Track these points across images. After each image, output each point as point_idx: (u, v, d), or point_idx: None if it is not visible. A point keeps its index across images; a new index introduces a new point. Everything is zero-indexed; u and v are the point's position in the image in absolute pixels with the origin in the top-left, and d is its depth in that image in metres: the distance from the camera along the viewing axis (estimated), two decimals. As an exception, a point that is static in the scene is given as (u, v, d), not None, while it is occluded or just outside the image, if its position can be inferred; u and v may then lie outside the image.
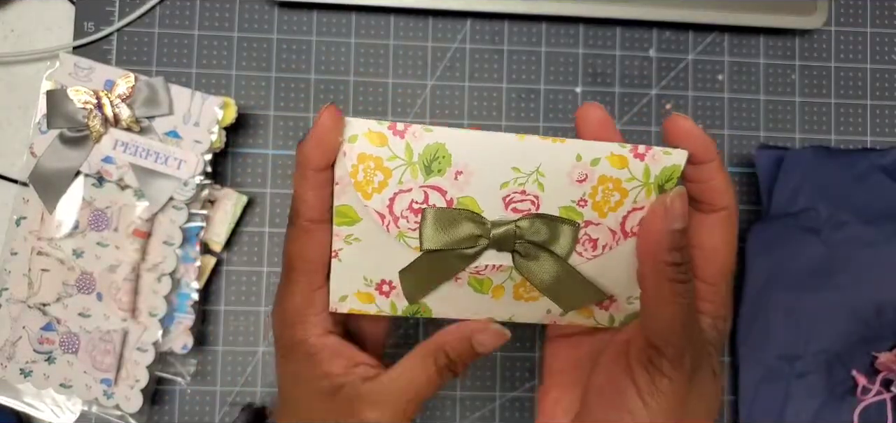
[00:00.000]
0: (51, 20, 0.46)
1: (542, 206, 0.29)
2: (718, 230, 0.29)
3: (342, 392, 0.29)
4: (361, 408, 0.29)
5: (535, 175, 0.28)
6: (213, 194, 0.44)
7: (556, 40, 0.48)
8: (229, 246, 0.46)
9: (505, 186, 0.28)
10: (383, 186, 0.28)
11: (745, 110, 0.48)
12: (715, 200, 0.29)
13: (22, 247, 0.42)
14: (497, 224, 0.28)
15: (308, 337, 0.30)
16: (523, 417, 0.47)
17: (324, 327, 0.30)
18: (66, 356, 0.42)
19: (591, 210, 0.29)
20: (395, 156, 0.27)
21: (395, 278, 0.30)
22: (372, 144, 0.27)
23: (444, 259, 0.29)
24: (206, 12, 0.46)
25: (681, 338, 0.28)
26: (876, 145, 0.48)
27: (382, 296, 0.30)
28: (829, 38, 0.49)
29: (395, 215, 0.28)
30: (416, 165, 0.27)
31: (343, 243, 0.29)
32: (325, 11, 0.47)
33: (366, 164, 0.27)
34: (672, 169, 0.29)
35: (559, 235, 0.29)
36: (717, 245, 0.29)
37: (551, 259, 0.29)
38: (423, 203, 0.28)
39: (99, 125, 0.40)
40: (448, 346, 0.30)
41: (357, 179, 0.28)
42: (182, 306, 0.43)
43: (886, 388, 0.46)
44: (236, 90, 0.46)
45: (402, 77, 0.47)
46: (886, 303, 0.46)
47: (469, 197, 0.28)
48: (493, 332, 0.30)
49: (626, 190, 0.29)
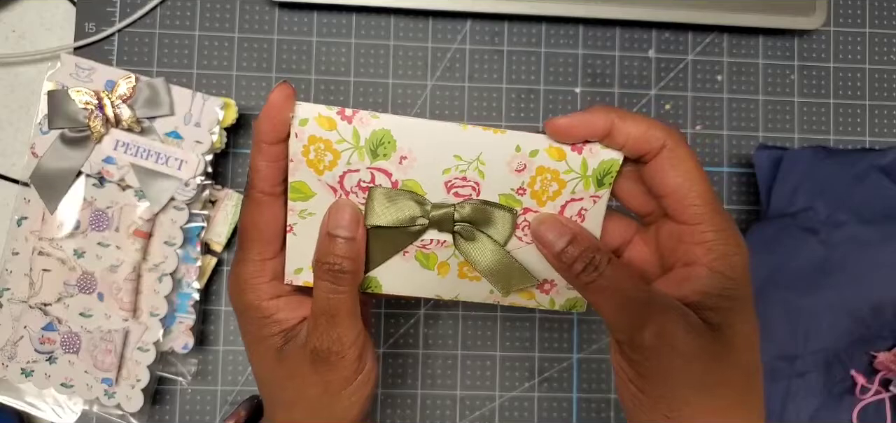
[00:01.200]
0: (52, 21, 0.46)
1: (483, 192, 0.30)
2: (669, 170, 0.29)
3: (293, 344, 0.31)
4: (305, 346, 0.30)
5: (476, 163, 0.30)
6: (214, 195, 0.44)
7: (555, 41, 0.48)
8: (230, 246, 0.46)
9: (447, 171, 0.30)
10: (333, 166, 0.29)
11: (744, 111, 0.48)
12: (642, 148, 0.29)
13: (23, 247, 0.42)
14: (438, 206, 0.30)
15: (260, 301, 0.31)
16: (523, 417, 0.47)
17: (274, 292, 0.31)
18: (68, 356, 0.42)
19: (529, 198, 0.30)
20: (343, 139, 0.29)
21: None
22: (321, 128, 0.29)
23: (390, 235, 0.31)
24: (206, 13, 0.46)
25: (622, 319, 0.28)
26: (874, 146, 0.49)
27: None
28: (827, 39, 0.49)
29: (346, 189, 0.30)
30: (363, 149, 0.29)
31: (297, 218, 0.30)
32: (325, 12, 0.47)
33: (316, 145, 0.29)
34: (610, 163, 0.30)
35: (497, 220, 0.31)
36: (677, 183, 0.29)
37: (490, 243, 0.31)
38: (370, 183, 0.30)
39: (100, 126, 0.40)
40: (317, 253, 0.30)
41: (309, 158, 0.29)
42: (183, 306, 0.43)
43: (885, 387, 0.46)
44: (237, 91, 0.46)
45: (402, 78, 0.47)
46: (885, 303, 0.46)
47: (413, 180, 0.30)
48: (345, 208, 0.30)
49: (564, 181, 0.30)
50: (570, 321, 0.47)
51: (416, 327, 0.47)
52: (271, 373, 0.32)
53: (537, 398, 0.47)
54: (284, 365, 0.31)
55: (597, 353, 0.47)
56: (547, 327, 0.47)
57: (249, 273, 0.31)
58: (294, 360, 0.31)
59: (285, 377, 0.31)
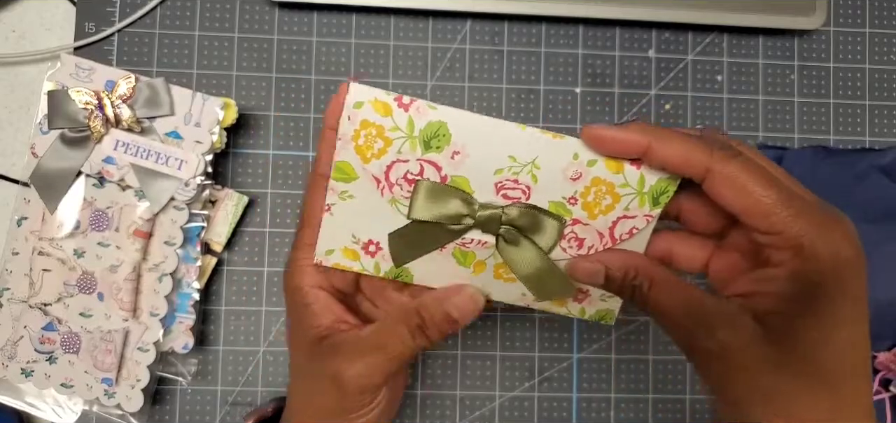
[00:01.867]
0: (52, 21, 0.46)
1: (533, 197, 0.29)
2: (725, 193, 0.26)
3: (323, 344, 0.31)
4: (336, 358, 0.30)
5: (530, 167, 0.29)
6: (214, 195, 0.44)
7: (555, 41, 0.48)
8: (230, 246, 0.46)
9: (499, 172, 0.29)
10: (382, 154, 0.28)
11: (744, 111, 0.48)
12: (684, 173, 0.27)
13: (23, 247, 0.42)
14: (485, 207, 0.29)
15: (302, 285, 0.31)
16: (523, 417, 0.47)
17: (317, 281, 0.32)
18: (68, 356, 0.42)
19: (580, 209, 0.30)
20: (396, 127, 0.28)
21: (382, 239, 0.31)
22: (376, 113, 0.28)
23: (431, 230, 0.30)
24: (206, 13, 0.46)
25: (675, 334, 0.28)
26: (874, 145, 0.49)
27: (368, 255, 0.31)
28: (827, 39, 0.49)
29: (390, 182, 0.29)
30: (416, 139, 0.28)
31: (337, 199, 0.30)
32: (325, 12, 0.47)
33: (368, 130, 0.28)
34: (668, 183, 0.29)
35: (545, 227, 0.30)
36: (738, 206, 0.26)
37: (533, 250, 0.30)
38: (418, 175, 0.29)
39: (100, 126, 0.40)
40: (423, 308, 0.30)
41: (357, 143, 0.28)
42: (183, 306, 0.43)
43: (885, 387, 0.46)
44: (237, 91, 0.46)
45: (402, 78, 0.47)
46: (885, 303, 0.46)
47: (462, 177, 0.29)
48: (467, 295, 0.31)
49: (618, 195, 0.29)
50: (570, 321, 0.47)
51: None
52: (298, 364, 0.33)
53: (537, 398, 0.47)
54: (310, 360, 0.31)
55: (597, 353, 0.47)
56: (547, 327, 0.47)
57: (299, 256, 0.31)
58: (324, 362, 0.31)
59: (306, 371, 0.32)
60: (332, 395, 0.31)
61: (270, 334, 0.46)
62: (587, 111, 0.47)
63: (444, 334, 0.31)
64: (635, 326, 0.47)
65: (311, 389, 0.32)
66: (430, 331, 0.30)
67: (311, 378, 0.32)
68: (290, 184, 0.46)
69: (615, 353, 0.47)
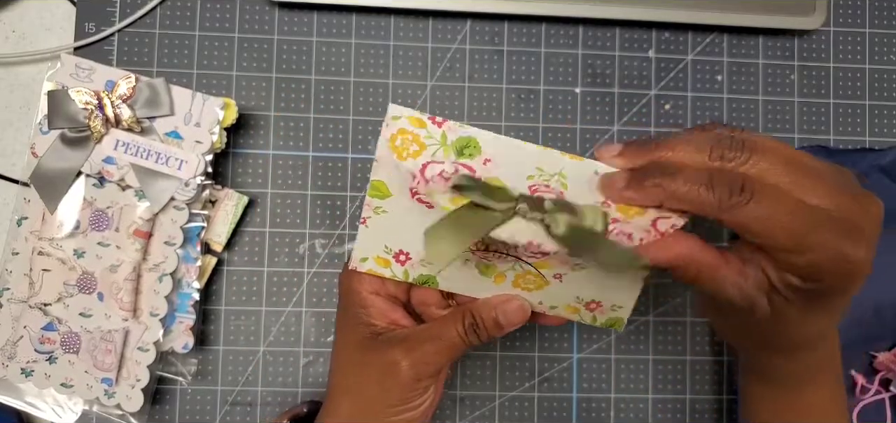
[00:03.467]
0: (52, 21, 0.46)
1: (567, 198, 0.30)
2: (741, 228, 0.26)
3: (379, 339, 0.34)
4: (393, 349, 0.33)
5: (558, 176, 0.29)
6: (214, 195, 0.44)
7: (555, 41, 0.48)
8: (230, 246, 0.46)
9: (530, 178, 0.30)
10: (418, 155, 0.30)
11: (744, 111, 0.48)
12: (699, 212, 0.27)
13: (23, 247, 0.42)
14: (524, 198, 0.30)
15: (362, 290, 0.34)
16: (523, 417, 0.47)
17: (375, 289, 0.35)
18: (68, 356, 0.42)
19: (616, 211, 0.29)
20: (431, 136, 0.29)
21: (411, 249, 0.33)
22: (411, 125, 0.29)
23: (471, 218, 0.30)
24: (206, 13, 0.46)
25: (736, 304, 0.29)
26: (874, 146, 0.49)
27: (398, 264, 0.34)
28: (827, 39, 0.49)
29: (425, 178, 0.30)
30: (449, 147, 0.29)
31: (372, 213, 0.32)
32: (325, 12, 0.47)
33: (404, 136, 0.29)
34: None
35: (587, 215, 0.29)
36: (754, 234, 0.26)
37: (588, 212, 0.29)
38: (453, 174, 0.30)
39: (100, 126, 0.40)
40: (476, 310, 0.33)
41: (394, 145, 0.29)
42: (183, 306, 0.43)
43: (885, 387, 0.46)
44: (237, 91, 0.46)
45: (402, 78, 0.47)
46: (885, 303, 0.46)
47: (496, 178, 0.30)
48: (516, 305, 0.33)
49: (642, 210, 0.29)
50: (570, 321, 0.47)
51: (416, 327, 0.47)
52: (348, 357, 0.35)
53: (537, 398, 0.47)
54: (363, 353, 0.34)
55: (597, 353, 0.47)
56: (547, 327, 0.47)
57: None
58: (380, 353, 0.33)
59: (358, 363, 0.34)
60: (384, 385, 0.33)
61: (270, 335, 0.46)
62: (587, 111, 0.47)
63: (492, 337, 0.33)
64: (635, 326, 0.47)
65: (362, 381, 0.34)
66: (481, 332, 0.33)
67: (363, 369, 0.34)
68: (289, 184, 0.46)
69: (615, 353, 0.47)
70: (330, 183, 0.46)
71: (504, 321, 0.33)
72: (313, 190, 0.46)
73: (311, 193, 0.46)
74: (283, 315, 0.46)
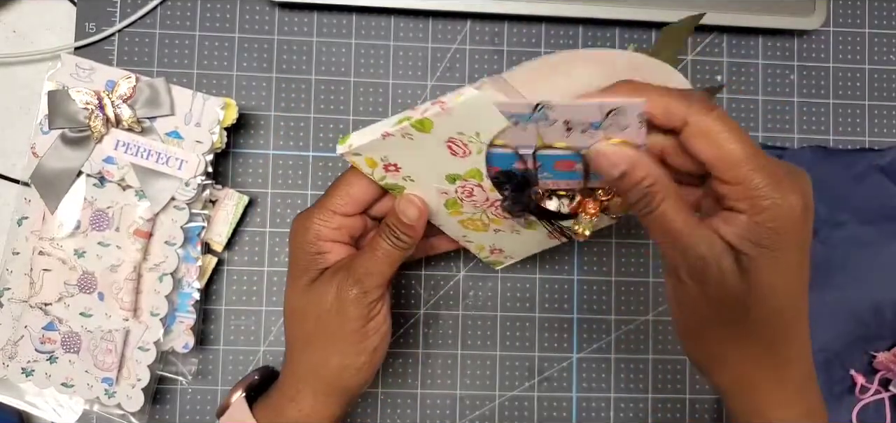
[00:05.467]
0: (52, 21, 0.46)
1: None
2: (697, 144, 0.29)
3: (326, 272, 0.37)
4: (338, 274, 0.36)
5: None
6: (215, 194, 0.44)
7: (555, 41, 0.48)
8: (230, 246, 0.46)
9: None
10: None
11: (743, 111, 0.48)
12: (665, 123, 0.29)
13: (24, 247, 0.42)
14: None
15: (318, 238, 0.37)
16: (523, 416, 0.47)
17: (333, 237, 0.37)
18: (68, 356, 0.42)
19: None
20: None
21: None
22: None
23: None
24: (206, 13, 0.46)
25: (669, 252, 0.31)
26: (874, 146, 0.49)
27: (382, 170, 0.35)
28: (827, 39, 0.49)
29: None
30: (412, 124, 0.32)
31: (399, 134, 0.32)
32: (325, 12, 0.47)
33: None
34: None
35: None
36: (708, 156, 0.29)
37: None
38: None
39: (100, 125, 0.40)
40: (389, 215, 0.37)
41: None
42: (183, 306, 0.43)
43: (885, 387, 0.46)
44: (237, 91, 0.46)
45: (402, 78, 0.47)
46: (885, 303, 0.46)
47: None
48: (405, 199, 0.36)
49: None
50: (570, 321, 0.47)
51: (416, 326, 0.47)
52: (300, 302, 0.37)
53: (537, 398, 0.47)
54: (314, 292, 0.37)
55: (596, 353, 0.47)
56: (546, 326, 0.47)
57: (321, 215, 0.37)
58: (323, 286, 0.36)
59: (311, 304, 0.37)
60: (339, 308, 0.36)
61: (270, 334, 0.46)
62: (587, 111, 0.47)
63: (406, 236, 0.36)
64: (635, 326, 0.47)
65: (320, 314, 0.36)
66: (394, 230, 0.36)
67: (318, 304, 0.36)
68: (289, 184, 0.46)
69: (615, 353, 0.47)
70: (330, 183, 0.46)
71: (401, 213, 0.36)
72: (313, 190, 0.46)
73: (311, 193, 0.46)
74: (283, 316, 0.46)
